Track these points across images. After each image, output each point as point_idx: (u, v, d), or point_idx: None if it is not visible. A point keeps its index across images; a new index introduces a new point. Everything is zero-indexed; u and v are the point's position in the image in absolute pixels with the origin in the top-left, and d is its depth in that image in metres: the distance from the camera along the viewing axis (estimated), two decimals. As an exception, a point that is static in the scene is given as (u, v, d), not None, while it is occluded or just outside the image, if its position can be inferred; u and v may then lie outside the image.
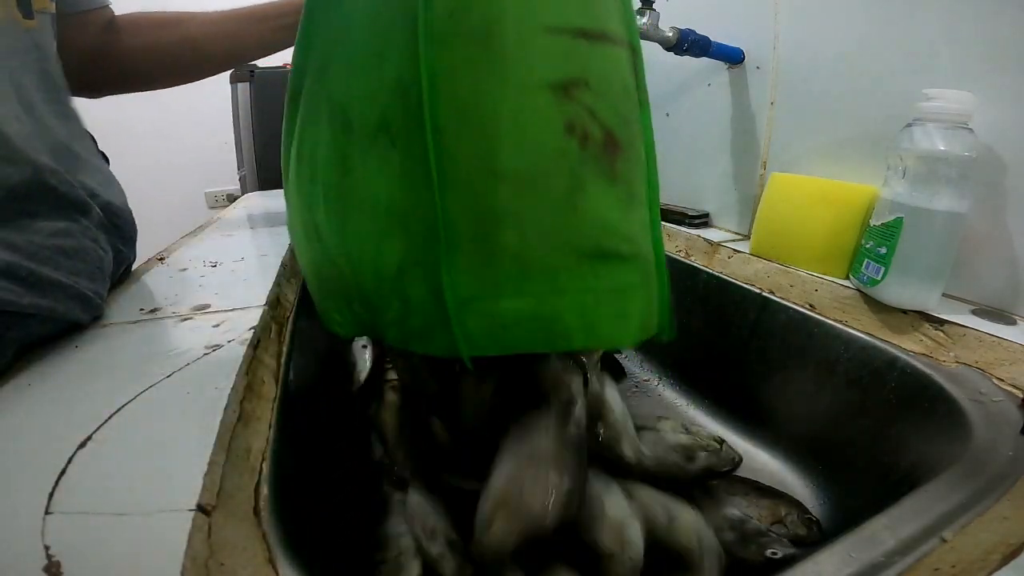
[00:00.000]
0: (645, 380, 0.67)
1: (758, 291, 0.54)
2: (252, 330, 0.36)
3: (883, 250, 0.41)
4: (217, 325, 0.37)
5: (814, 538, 0.37)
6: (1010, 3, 0.38)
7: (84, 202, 0.39)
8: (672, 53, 0.59)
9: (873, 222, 0.43)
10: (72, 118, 0.44)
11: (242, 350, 0.33)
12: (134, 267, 0.51)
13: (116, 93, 0.60)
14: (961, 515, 0.25)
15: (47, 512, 0.20)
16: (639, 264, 0.28)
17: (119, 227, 0.45)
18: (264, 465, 0.27)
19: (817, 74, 0.54)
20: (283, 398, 0.34)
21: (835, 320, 0.47)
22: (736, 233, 0.66)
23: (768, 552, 0.35)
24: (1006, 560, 0.22)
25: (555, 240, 0.25)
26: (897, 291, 0.41)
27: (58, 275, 0.34)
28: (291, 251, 0.59)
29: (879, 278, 0.42)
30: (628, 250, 0.27)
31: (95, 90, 0.57)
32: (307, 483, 0.36)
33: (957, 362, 0.38)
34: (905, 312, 0.42)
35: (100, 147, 0.52)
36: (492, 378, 0.35)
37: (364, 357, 0.53)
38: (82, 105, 0.46)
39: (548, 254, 0.25)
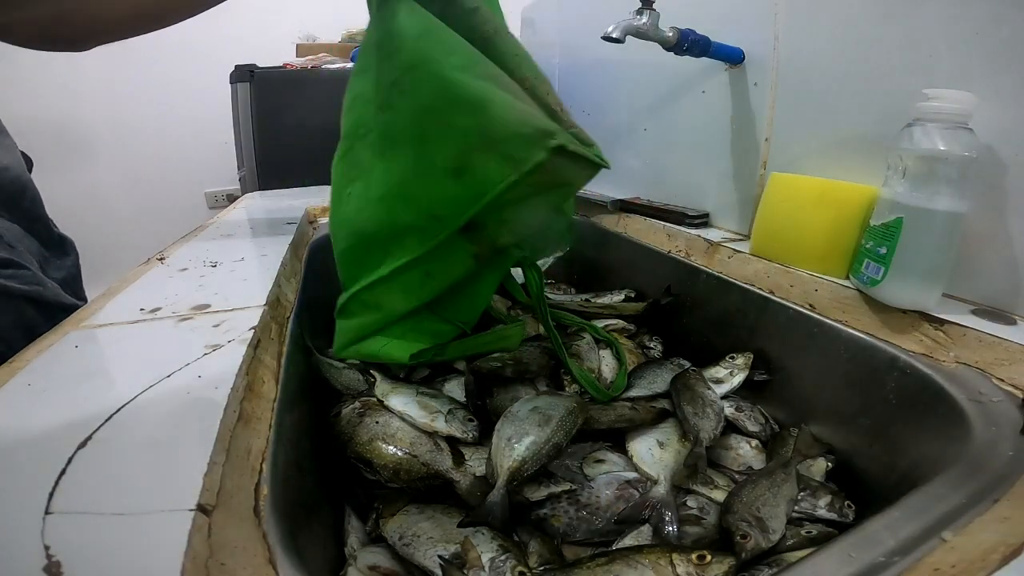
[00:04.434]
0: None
1: (758, 291, 0.54)
2: (252, 330, 0.36)
3: (883, 250, 0.41)
4: (217, 325, 0.37)
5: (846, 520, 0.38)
6: (1010, 3, 0.38)
7: None
8: (672, 53, 0.59)
9: (873, 222, 0.43)
10: None
11: (242, 350, 0.33)
12: (134, 267, 0.51)
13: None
14: (961, 515, 0.25)
15: (47, 512, 0.20)
16: None
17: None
18: (264, 465, 0.27)
19: (817, 74, 0.54)
20: (283, 398, 0.34)
21: (835, 320, 0.47)
22: (736, 233, 0.66)
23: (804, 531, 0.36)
24: (1006, 560, 0.22)
25: None
26: (897, 291, 0.41)
27: None
28: (291, 250, 0.59)
29: (879, 278, 0.42)
30: None
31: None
32: (307, 483, 0.36)
33: (957, 362, 0.38)
34: (905, 312, 0.42)
35: (102, 148, 0.52)
36: None
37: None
38: (82, 105, 0.46)
39: None
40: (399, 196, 0.36)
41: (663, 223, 0.71)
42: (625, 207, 0.80)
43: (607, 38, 0.55)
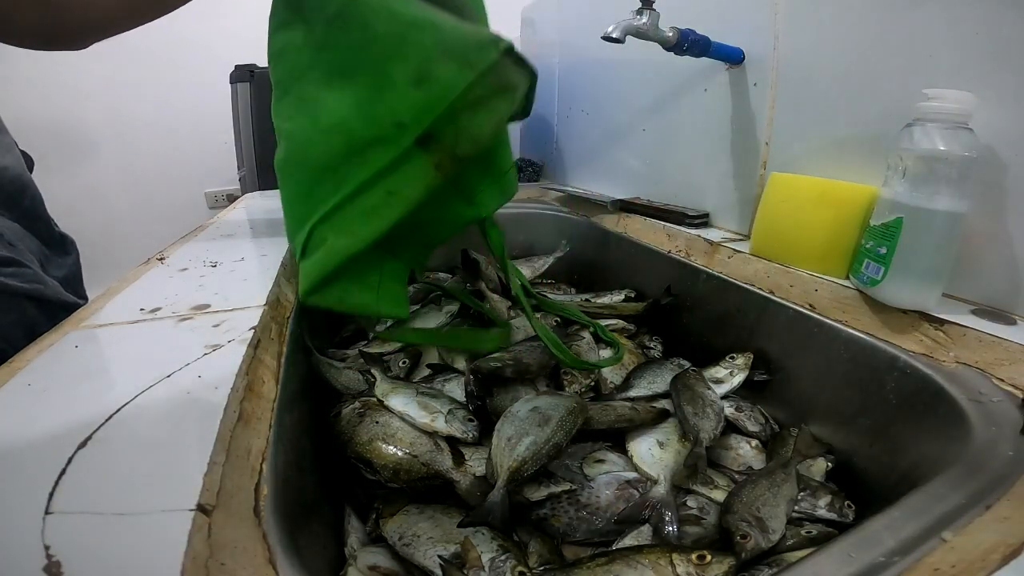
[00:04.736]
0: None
1: (758, 291, 0.54)
2: (252, 330, 0.36)
3: (883, 250, 0.41)
4: (217, 325, 0.37)
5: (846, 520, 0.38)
6: (1010, 3, 0.38)
7: None
8: (672, 53, 0.59)
9: (873, 222, 0.43)
10: None
11: (242, 350, 0.33)
12: (134, 267, 0.51)
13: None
14: (961, 515, 0.25)
15: (47, 512, 0.20)
16: None
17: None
18: (264, 465, 0.27)
19: (817, 74, 0.54)
20: (283, 398, 0.34)
21: (835, 320, 0.47)
22: (736, 233, 0.66)
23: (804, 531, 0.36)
24: (1006, 560, 0.22)
25: None
26: (897, 291, 0.41)
27: None
28: (291, 251, 0.59)
29: (879, 278, 0.42)
30: None
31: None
32: (307, 483, 0.36)
33: (957, 362, 0.38)
34: (905, 312, 0.42)
35: (102, 147, 0.52)
36: None
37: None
38: (82, 105, 0.46)
39: None
40: (358, 115, 0.38)
41: (663, 223, 0.71)
42: (625, 207, 0.80)
43: (607, 38, 0.55)
